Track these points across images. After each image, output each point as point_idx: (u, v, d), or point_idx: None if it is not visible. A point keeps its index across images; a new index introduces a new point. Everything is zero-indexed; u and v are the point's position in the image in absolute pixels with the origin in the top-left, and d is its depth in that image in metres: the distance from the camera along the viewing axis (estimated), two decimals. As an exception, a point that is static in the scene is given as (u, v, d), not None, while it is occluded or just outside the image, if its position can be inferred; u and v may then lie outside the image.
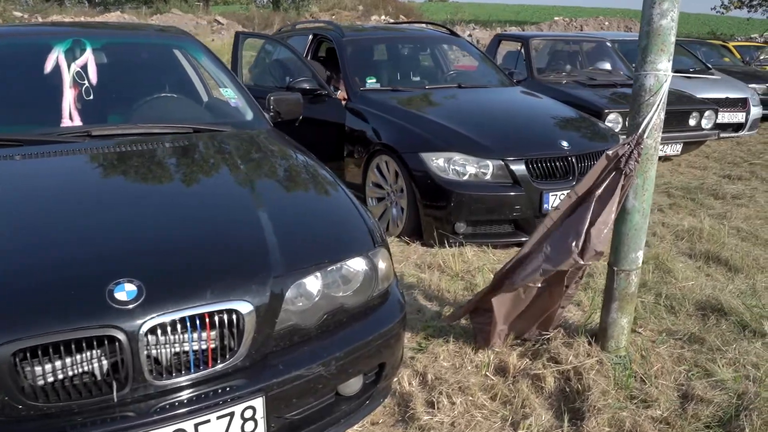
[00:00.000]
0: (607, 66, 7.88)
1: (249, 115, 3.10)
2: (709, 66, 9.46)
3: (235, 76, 3.32)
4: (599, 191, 2.23)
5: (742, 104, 8.29)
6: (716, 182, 5.93)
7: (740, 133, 8.34)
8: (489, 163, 3.92)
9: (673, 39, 2.14)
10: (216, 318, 1.64)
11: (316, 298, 1.86)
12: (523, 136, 4.14)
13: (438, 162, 3.96)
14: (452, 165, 3.94)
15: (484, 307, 2.59)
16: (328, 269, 1.90)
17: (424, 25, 6.63)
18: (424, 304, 3.21)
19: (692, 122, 6.41)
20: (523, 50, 7.25)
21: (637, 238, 2.34)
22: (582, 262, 2.22)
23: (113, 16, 29.17)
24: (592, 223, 2.21)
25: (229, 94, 3.17)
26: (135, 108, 2.89)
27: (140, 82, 3.12)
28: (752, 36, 21.78)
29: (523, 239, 3.96)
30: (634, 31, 19.30)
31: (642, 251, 2.42)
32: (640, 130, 2.18)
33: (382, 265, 2.07)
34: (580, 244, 2.20)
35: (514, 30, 21.09)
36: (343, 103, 4.85)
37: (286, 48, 5.35)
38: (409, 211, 4.12)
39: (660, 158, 6.45)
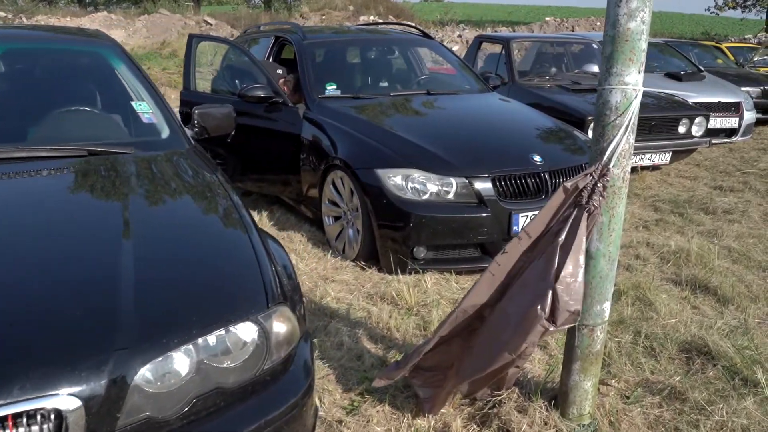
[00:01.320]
0: (594, 69, 7.49)
1: (164, 133, 2.68)
2: (701, 68, 9.09)
3: (154, 86, 2.91)
4: (561, 237, 1.81)
5: (735, 109, 7.91)
6: (707, 194, 5.53)
7: (733, 139, 7.95)
8: (452, 180, 3.52)
9: (644, 45, 1.74)
10: (25, 419, 1.23)
11: (183, 380, 1.45)
12: (492, 149, 3.74)
13: (395, 179, 3.55)
14: (411, 183, 3.53)
15: (426, 366, 2.18)
16: (200, 340, 1.49)
17: (396, 26, 6.22)
18: (366, 348, 2.80)
19: (682, 129, 6.02)
20: (504, 52, 6.85)
21: (602, 287, 1.94)
22: (555, 328, 1.80)
23: (100, 17, 28.69)
24: (557, 277, 1.79)
25: (142, 108, 2.75)
26: (22, 126, 2.47)
27: (36, 95, 2.70)
28: (746, 37, 21.43)
29: (491, 265, 3.57)
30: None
31: (609, 302, 2.01)
32: (605, 158, 1.78)
33: (279, 328, 1.66)
34: (547, 305, 1.78)
35: (504, 31, 20.71)
36: (300, 112, 4.44)
37: (242, 52, 4.93)
38: (365, 233, 3.72)
39: (648, 168, 6.06)
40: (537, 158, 3.64)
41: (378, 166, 3.62)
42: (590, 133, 5.45)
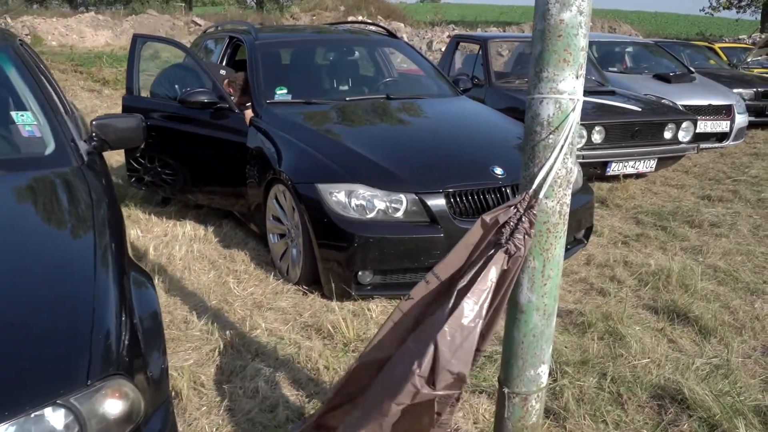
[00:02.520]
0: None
1: (48, 149, 2.29)
2: (692, 69, 8.72)
3: (56, 93, 2.52)
4: (464, 280, 1.42)
5: (726, 112, 7.53)
6: (693, 205, 5.15)
7: (724, 144, 7.57)
8: (401, 197, 3.13)
9: (582, 42, 1.35)
10: None
11: None
12: (448, 162, 3.34)
13: (338, 196, 3.16)
14: (355, 200, 3.14)
15: (329, 426, 1.79)
16: None
17: (361, 26, 5.83)
18: (285, 396, 2.40)
19: (668, 135, 5.64)
20: (480, 53, 6.46)
21: (536, 348, 1.55)
22: (429, 392, 1.40)
23: (87, 17, 28.24)
24: (440, 329, 1.40)
25: (24, 119, 2.36)
26: None
27: None
28: (740, 37, 21.08)
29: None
30: (618, 32, 18.58)
31: (547, 365, 1.61)
32: (535, 186, 1.39)
33: (111, 407, 1.27)
34: (425, 363, 1.38)
35: (495, 31, 20.32)
36: (247, 119, 4.06)
37: (186, 53, 4.54)
38: (306, 254, 3.33)
39: (632, 176, 5.68)
40: (498, 171, 3.26)
41: (319, 181, 3.23)
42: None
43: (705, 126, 7.42)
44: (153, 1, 36.66)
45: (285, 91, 4.23)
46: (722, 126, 7.50)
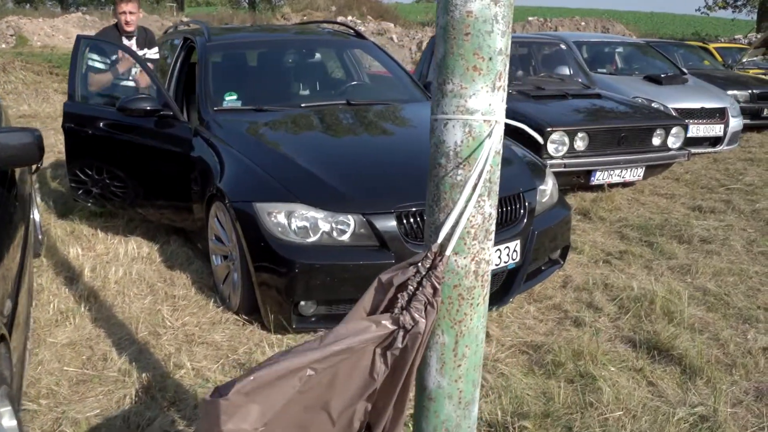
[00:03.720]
0: (565, 72, 6.77)
1: None
2: (684, 71, 8.37)
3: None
4: (338, 358, 1.06)
5: (719, 115, 7.19)
6: (683, 217, 4.79)
7: (718, 149, 7.23)
8: (348, 218, 2.77)
9: (501, 43, 0.99)
10: None
11: None
12: (402, 177, 2.98)
13: (276, 217, 2.80)
14: (295, 221, 2.78)
15: None
16: None
17: (328, 25, 5.47)
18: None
19: (656, 141, 5.28)
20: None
21: (450, 444, 1.18)
22: None
23: (74, 18, 27.87)
24: None
25: None
26: None
27: None
28: (736, 37, 20.77)
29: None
30: (611, 32, 18.24)
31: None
32: (440, 239, 1.03)
33: None
34: None
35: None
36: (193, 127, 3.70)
37: (132, 57, 4.17)
38: (244, 281, 2.96)
39: (618, 185, 5.33)
40: (458, 187, 2.89)
41: (257, 199, 2.87)
42: (548, 148, 4.73)
43: (697, 130, 7.08)
44: (143, 2, 36.29)
45: (235, 97, 3.87)
46: (715, 130, 7.16)
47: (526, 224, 3.02)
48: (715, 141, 7.21)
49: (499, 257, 2.92)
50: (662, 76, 7.73)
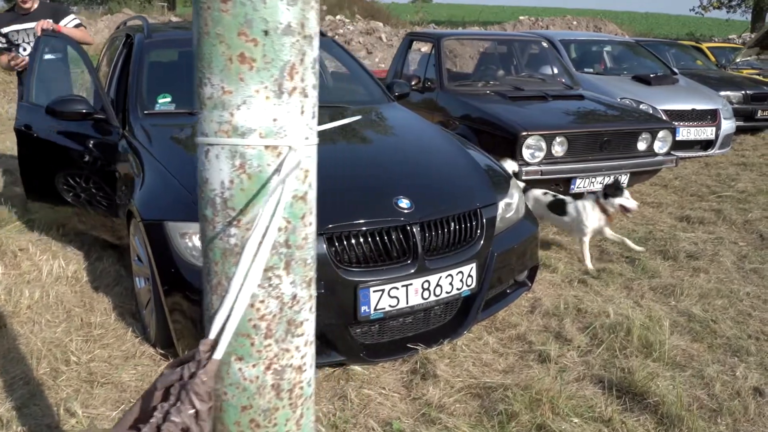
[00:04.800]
0: (547, 72, 6.39)
1: None
2: (675, 70, 8.01)
3: None
4: None
5: (711, 117, 6.83)
6: (669, 229, 4.41)
7: (709, 152, 6.87)
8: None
9: (290, 17, 0.60)
10: None
11: None
12: (338, 192, 2.58)
13: (191, 239, 2.41)
14: (211, 242, 2.38)
15: None
16: None
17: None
18: None
19: (642, 146, 4.90)
20: (433, 52, 5.72)
21: None
22: None
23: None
24: None
25: None
26: None
27: None
28: (730, 37, 20.42)
29: (338, 359, 2.45)
30: (604, 31, 17.86)
31: None
32: (213, 333, 0.66)
33: None
34: None
35: (477, 30, 19.58)
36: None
37: (79, 55, 3.79)
38: (157, 310, 2.58)
39: (600, 193, 4.93)
40: (404, 203, 2.51)
41: (169, 217, 2.48)
42: (524, 153, 4.35)
43: (688, 133, 6.73)
44: (132, 2, 35.81)
45: (169, 99, 3.48)
46: (707, 133, 6.80)
47: (484, 245, 2.64)
48: (706, 144, 6.86)
49: (451, 283, 2.53)
50: (651, 76, 7.37)
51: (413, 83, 5.66)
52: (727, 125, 6.88)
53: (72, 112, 3.32)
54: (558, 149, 4.57)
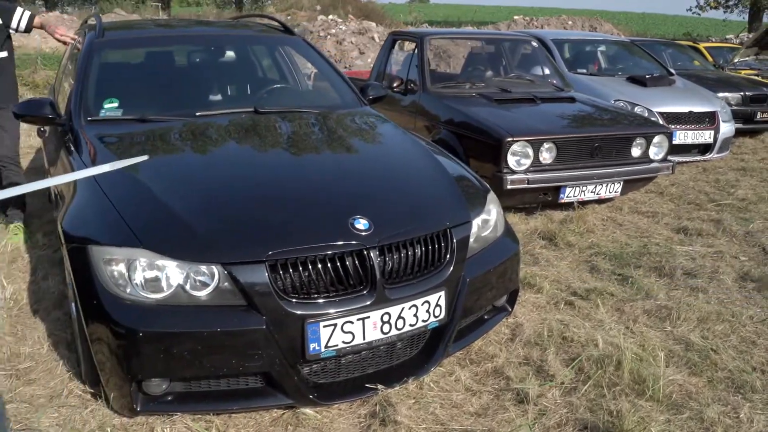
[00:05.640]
0: (538, 73, 6.10)
1: None
2: (672, 71, 7.72)
3: None
4: None
5: (709, 120, 6.54)
6: (666, 242, 4.11)
7: (707, 157, 6.58)
8: (209, 269, 2.07)
9: None
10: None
11: None
12: (287, 212, 2.27)
13: (116, 266, 2.10)
14: (138, 272, 2.08)
15: None
16: None
17: (257, 20, 4.77)
18: None
19: (636, 152, 4.60)
20: (416, 52, 5.41)
21: None
22: None
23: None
24: None
25: None
26: None
27: None
28: (727, 37, 20.16)
29: (285, 402, 2.14)
30: (599, 31, 17.58)
31: None
32: None
33: None
34: None
35: (463, 30, 19.27)
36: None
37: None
38: (82, 343, 2.27)
39: (592, 202, 4.64)
40: (361, 224, 2.19)
41: (94, 241, 2.17)
42: (509, 160, 4.05)
43: (685, 136, 6.44)
44: (126, 2, 35.52)
45: (116, 104, 3.17)
46: (705, 136, 6.51)
47: (455, 270, 2.33)
48: (704, 148, 6.57)
49: (416, 315, 2.23)
50: (647, 77, 7.08)
51: (395, 84, 5.37)
52: (726, 128, 6.59)
53: (43, 117, 3.05)
54: (546, 156, 4.27)
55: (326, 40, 19.19)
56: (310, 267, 2.09)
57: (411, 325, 2.23)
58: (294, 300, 2.06)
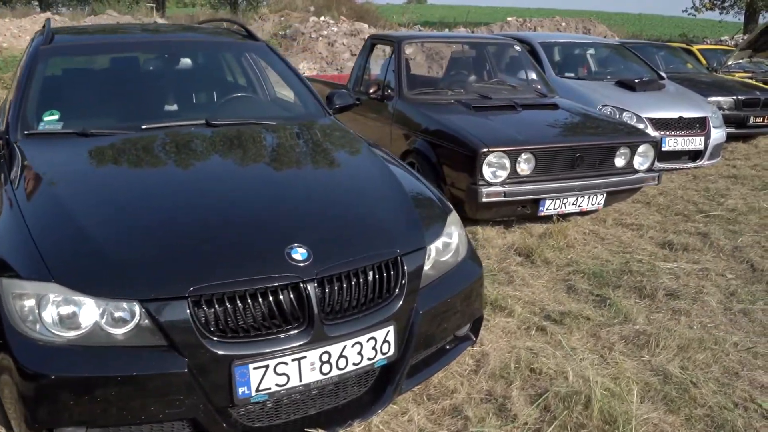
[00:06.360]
0: (522, 77, 5.90)
1: None
2: (662, 75, 7.53)
3: None
4: None
5: (700, 125, 6.35)
6: (649, 259, 3.91)
7: (698, 164, 6.39)
8: (128, 306, 1.86)
9: None
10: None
11: None
12: (209, 242, 2.04)
13: (25, 301, 1.89)
14: (50, 309, 1.87)
15: None
16: None
17: (224, 24, 4.57)
18: None
19: (620, 162, 4.40)
20: (393, 56, 5.21)
21: None
22: None
23: (42, 18, 26.88)
24: None
25: None
26: None
27: None
28: (722, 39, 19.97)
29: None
30: (593, 33, 17.39)
31: None
32: None
33: None
34: None
35: (463, 32, 19.10)
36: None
37: None
38: (-7, 389, 2.05)
39: (575, 213, 4.44)
40: (299, 254, 1.99)
41: (4, 273, 1.96)
42: (484, 172, 3.85)
43: (675, 143, 6.25)
44: (123, 2, 35.30)
45: (56, 117, 2.96)
46: (695, 143, 6.32)
47: (406, 302, 2.12)
48: (694, 155, 6.38)
49: (360, 353, 2.02)
50: (636, 81, 6.89)
51: (371, 90, 5.16)
52: (717, 134, 6.41)
53: None
54: (524, 167, 4.06)
55: (318, 42, 19.00)
56: (239, 303, 1.88)
57: (355, 364, 2.02)
58: (220, 339, 1.85)
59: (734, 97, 7.78)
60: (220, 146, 2.77)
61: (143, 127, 2.90)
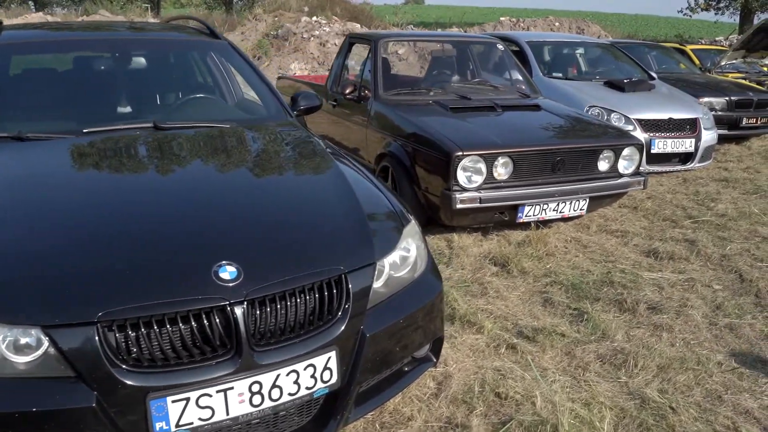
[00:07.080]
0: (506, 77, 5.70)
1: None
2: (653, 75, 7.35)
3: None
4: None
5: (690, 127, 6.17)
6: (632, 268, 3.71)
7: (688, 166, 6.20)
8: (34, 332, 1.65)
9: None
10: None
11: None
12: (123, 260, 1.83)
13: None
14: (-61, 335, 1.66)
15: None
16: None
17: (186, 22, 4.37)
18: None
19: (603, 166, 4.20)
20: (370, 56, 5.01)
21: None
22: None
23: (35, 17, 26.68)
24: None
25: None
26: None
27: None
28: (717, 39, 19.82)
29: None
30: (587, 33, 17.20)
31: None
32: None
33: None
34: None
35: (456, 32, 18.91)
36: None
37: None
38: None
39: (556, 220, 4.24)
40: (227, 273, 1.78)
41: None
42: (459, 177, 3.65)
43: (664, 145, 6.07)
44: (116, 2, 35.07)
45: (-9, 118, 2.75)
46: (686, 145, 6.14)
47: (350, 324, 1.92)
48: (685, 158, 6.19)
49: (297, 382, 1.82)
50: (625, 81, 6.70)
51: (347, 91, 4.96)
52: (708, 136, 6.22)
53: None
54: (501, 171, 3.87)
55: (309, 42, 18.80)
56: (156, 328, 1.68)
57: (291, 395, 1.82)
58: (132, 369, 1.65)
59: (727, 98, 7.60)
60: (162, 152, 2.57)
61: (85, 131, 2.69)
